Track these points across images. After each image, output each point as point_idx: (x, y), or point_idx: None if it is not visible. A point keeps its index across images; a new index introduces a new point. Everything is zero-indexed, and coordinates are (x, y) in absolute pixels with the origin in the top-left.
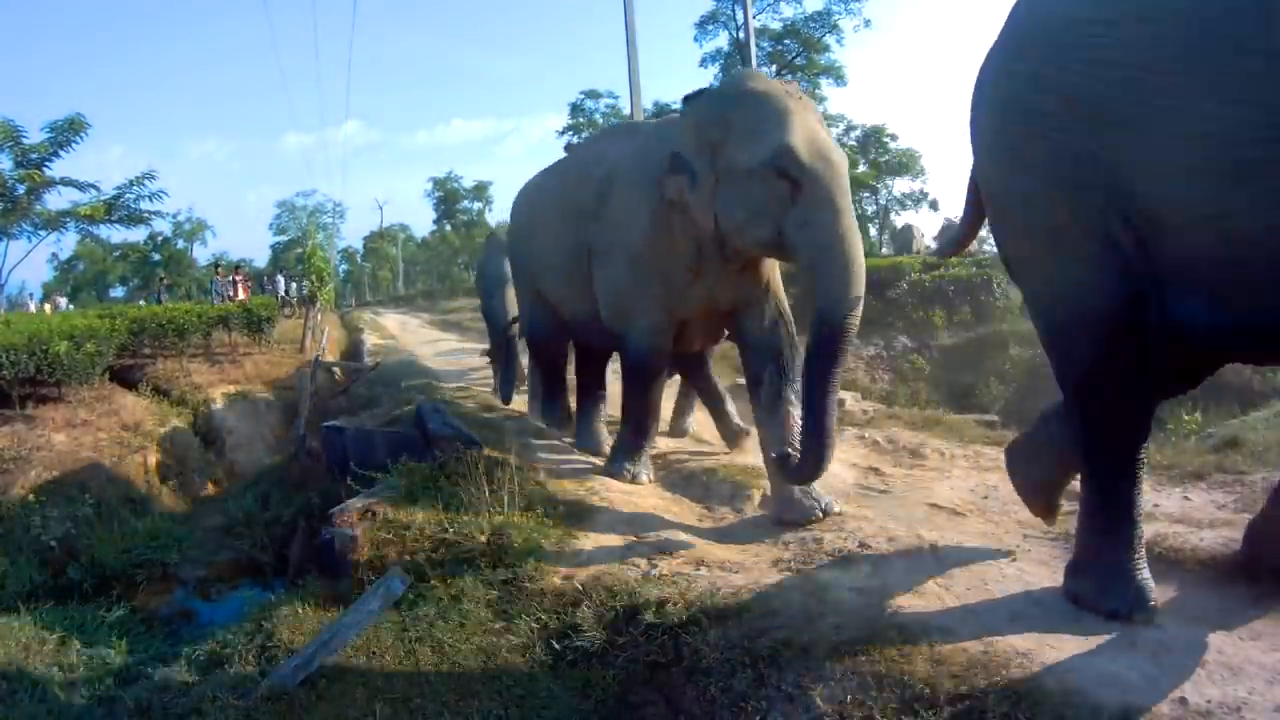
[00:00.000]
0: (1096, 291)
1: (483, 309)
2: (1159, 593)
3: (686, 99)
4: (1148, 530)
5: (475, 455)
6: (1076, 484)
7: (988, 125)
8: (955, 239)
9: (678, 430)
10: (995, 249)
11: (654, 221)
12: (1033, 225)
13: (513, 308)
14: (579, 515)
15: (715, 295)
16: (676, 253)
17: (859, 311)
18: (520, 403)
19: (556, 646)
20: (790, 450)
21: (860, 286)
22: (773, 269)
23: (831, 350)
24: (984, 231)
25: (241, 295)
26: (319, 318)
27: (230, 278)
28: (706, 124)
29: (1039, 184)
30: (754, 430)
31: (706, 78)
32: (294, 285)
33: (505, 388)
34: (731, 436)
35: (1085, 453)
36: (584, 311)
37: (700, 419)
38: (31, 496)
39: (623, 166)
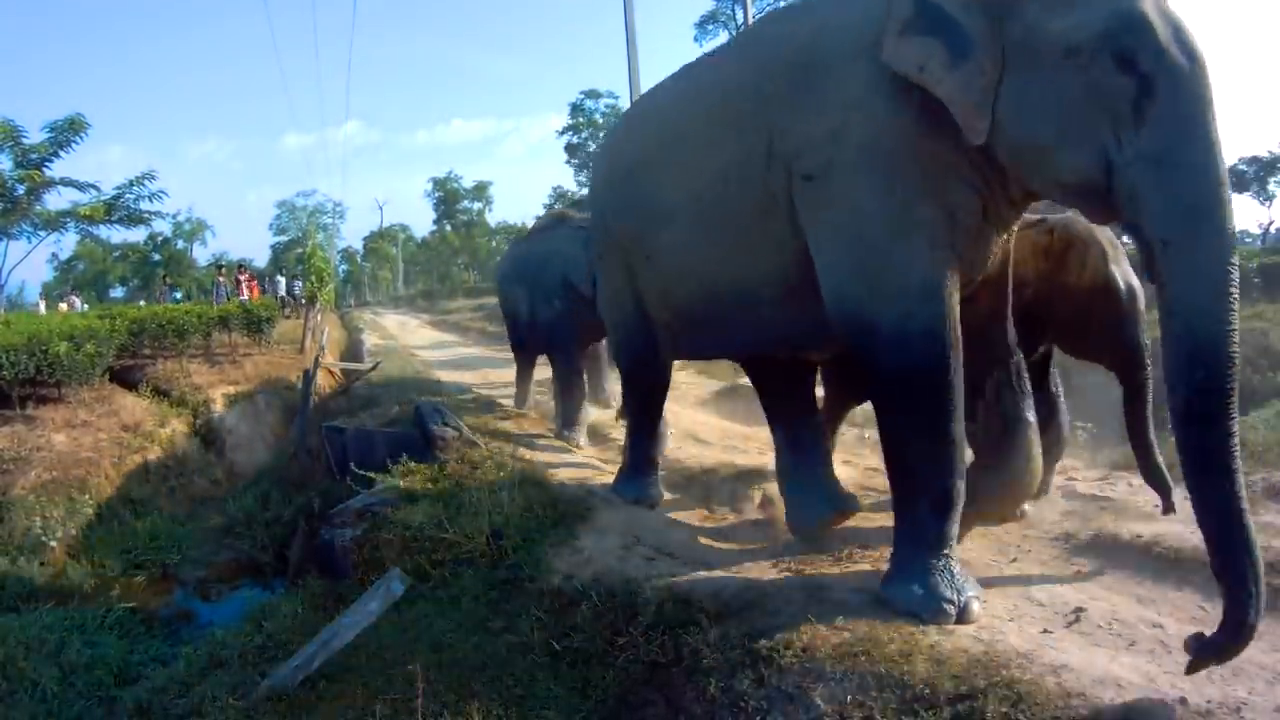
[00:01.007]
0: None
1: (516, 313)
2: (1156, 591)
3: None
4: (1148, 530)
5: (475, 455)
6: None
7: None
8: None
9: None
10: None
11: (917, 102)
12: None
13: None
14: (579, 515)
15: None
16: (959, 159)
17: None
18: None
19: (556, 646)
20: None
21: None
22: None
23: (1222, 403)
24: None
25: (249, 295)
26: (319, 318)
27: (235, 277)
28: None
29: None
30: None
31: None
32: (296, 284)
33: (573, 415)
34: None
35: None
36: (734, 278)
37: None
38: (31, 496)
39: (833, 25)
